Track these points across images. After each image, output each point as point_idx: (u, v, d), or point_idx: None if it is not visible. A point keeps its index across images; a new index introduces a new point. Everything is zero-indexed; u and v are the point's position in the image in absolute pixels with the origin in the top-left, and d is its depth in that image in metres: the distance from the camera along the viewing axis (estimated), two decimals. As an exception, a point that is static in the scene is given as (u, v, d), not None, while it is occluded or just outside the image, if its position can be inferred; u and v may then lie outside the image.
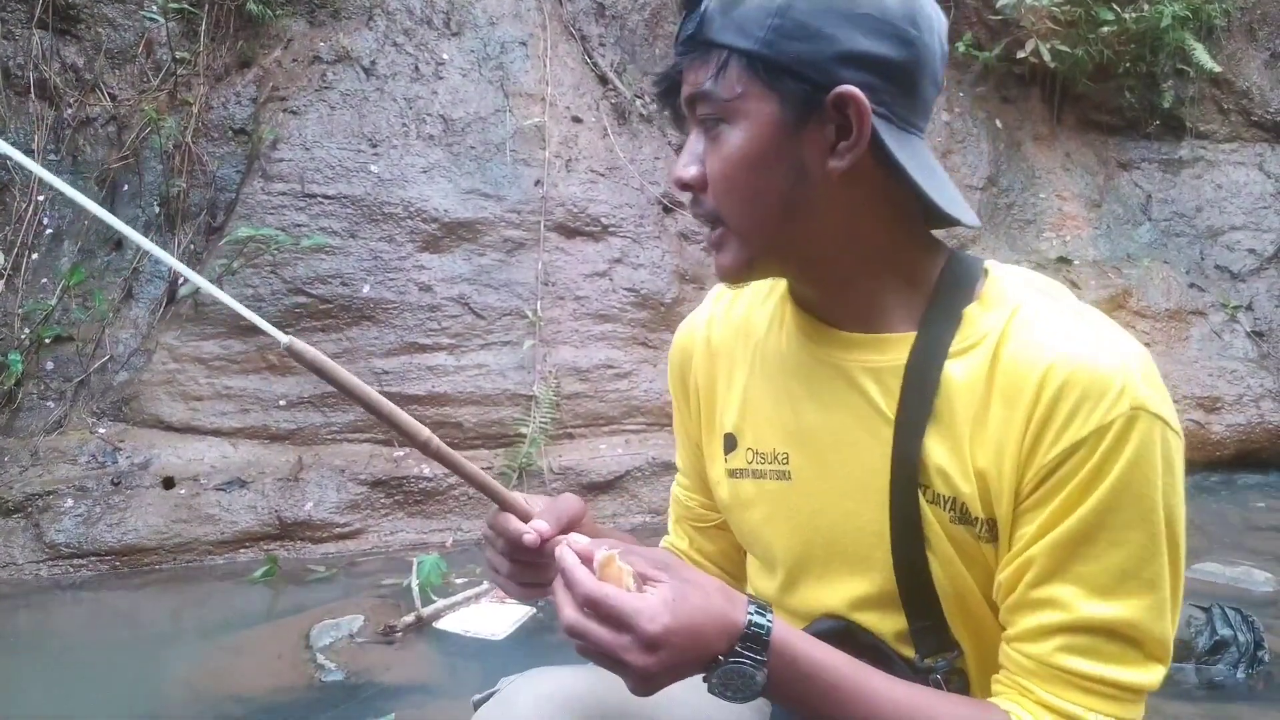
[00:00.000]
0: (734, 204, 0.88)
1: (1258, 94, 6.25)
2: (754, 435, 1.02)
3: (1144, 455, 0.80)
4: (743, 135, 0.86)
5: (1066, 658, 0.82)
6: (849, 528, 0.94)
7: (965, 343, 0.88)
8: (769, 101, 0.84)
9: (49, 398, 4.19)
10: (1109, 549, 0.80)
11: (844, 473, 0.94)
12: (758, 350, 1.04)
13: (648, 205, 5.00)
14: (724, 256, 0.92)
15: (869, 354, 0.92)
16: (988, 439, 0.85)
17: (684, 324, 1.16)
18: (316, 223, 4.40)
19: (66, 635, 3.23)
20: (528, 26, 5.11)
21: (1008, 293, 0.89)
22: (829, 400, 0.95)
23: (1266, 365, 5.68)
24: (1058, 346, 0.82)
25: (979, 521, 0.87)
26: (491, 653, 3.00)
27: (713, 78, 0.85)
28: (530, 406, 4.38)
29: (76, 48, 4.74)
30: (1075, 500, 0.80)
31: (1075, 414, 0.79)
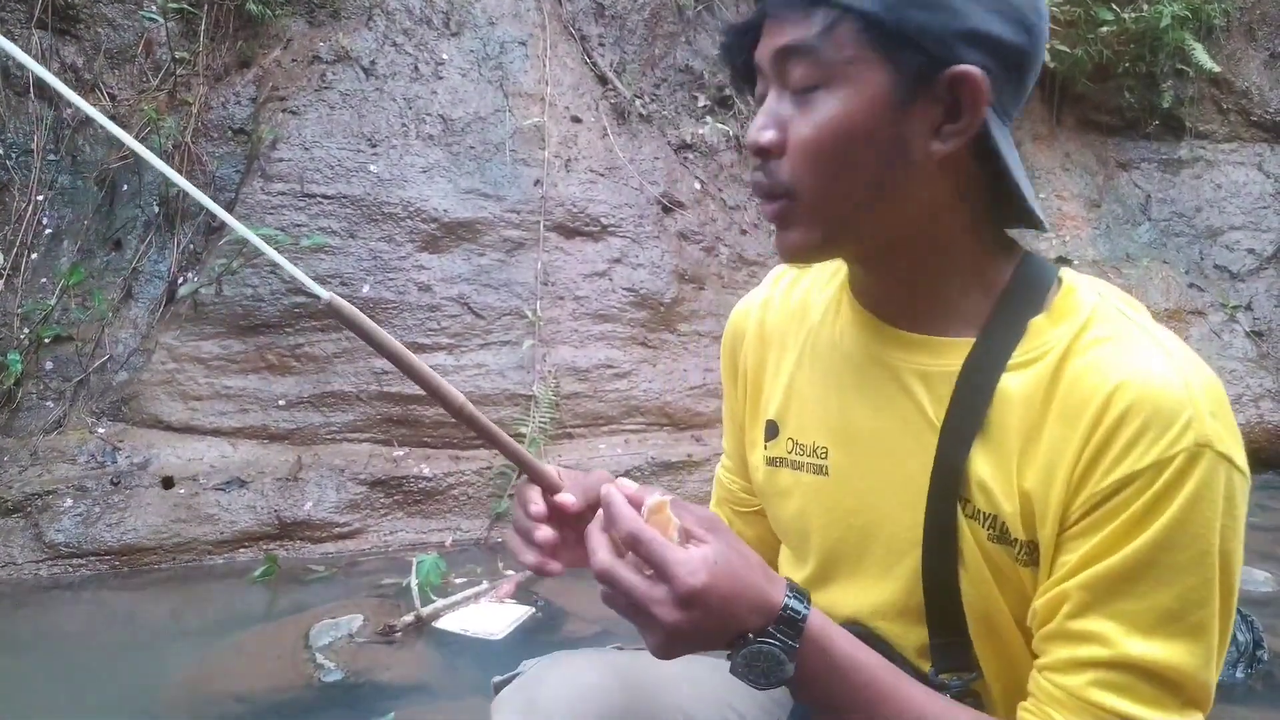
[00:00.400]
0: (819, 177, 0.81)
1: (1257, 94, 6.25)
2: (796, 425, 0.99)
3: (1205, 495, 0.75)
4: (845, 103, 0.79)
5: (1101, 693, 0.77)
6: (882, 532, 0.91)
7: (1027, 355, 0.83)
8: (881, 70, 0.78)
9: (48, 397, 4.19)
10: (1157, 588, 0.75)
11: (883, 475, 0.91)
12: (810, 337, 1.00)
13: (647, 205, 5.00)
14: (791, 234, 0.85)
15: (924, 357, 0.88)
16: (1039, 458, 0.81)
17: (740, 304, 1.12)
18: (316, 222, 4.40)
19: (65, 635, 3.23)
20: (527, 26, 5.11)
21: (1080, 306, 0.84)
22: (876, 400, 0.91)
23: (1266, 365, 5.69)
24: (1125, 369, 0.77)
25: (1018, 543, 0.83)
26: (491, 652, 3.00)
27: (819, 34, 0.77)
28: (529, 406, 4.38)
29: (76, 47, 4.74)
30: (1126, 534, 0.76)
31: (1136, 443, 0.75)
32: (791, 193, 0.82)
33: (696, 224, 5.16)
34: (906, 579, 0.90)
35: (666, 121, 5.42)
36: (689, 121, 5.47)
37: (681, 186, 5.22)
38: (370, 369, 4.29)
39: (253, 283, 4.27)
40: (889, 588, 0.92)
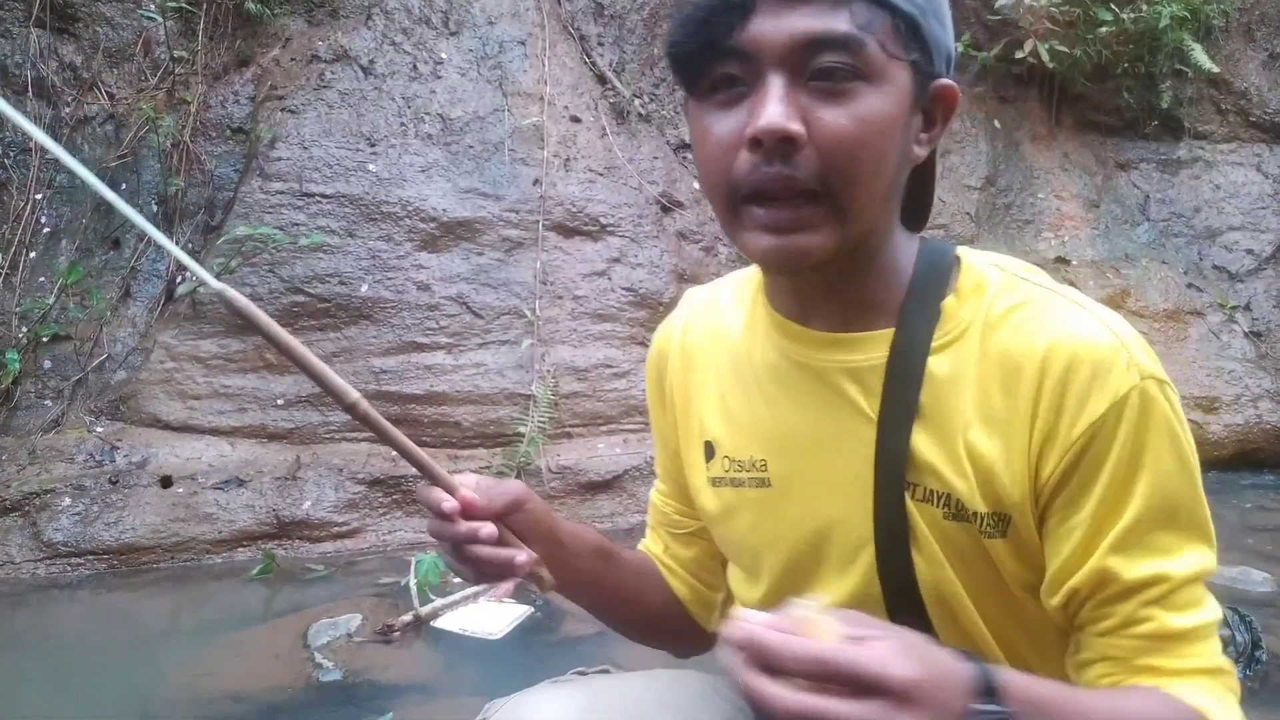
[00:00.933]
0: (859, 173, 0.78)
1: (1256, 94, 6.26)
2: (731, 443, 0.98)
3: (1165, 417, 0.80)
4: (885, 99, 0.77)
5: (1177, 618, 0.81)
6: (834, 532, 0.92)
7: (947, 337, 0.85)
8: (905, 71, 0.79)
9: (46, 396, 4.18)
10: (1177, 513, 0.81)
11: (825, 476, 0.91)
12: (732, 356, 1.00)
13: (646, 205, 5.00)
14: (812, 238, 0.79)
15: (847, 354, 0.89)
16: (986, 430, 0.82)
17: (660, 328, 1.11)
18: (314, 222, 4.39)
19: (64, 634, 3.23)
20: (526, 26, 5.11)
21: (984, 281, 0.87)
22: (806, 403, 0.91)
23: (1264, 365, 5.69)
24: (1051, 330, 0.81)
25: (979, 517, 0.84)
26: (489, 652, 3.00)
27: (864, 26, 0.75)
28: (528, 406, 4.38)
29: (74, 46, 4.74)
30: (1128, 479, 0.80)
31: (1089, 392, 0.78)
32: (823, 192, 0.78)
33: (695, 224, 5.16)
34: (863, 573, 0.90)
35: (665, 121, 5.42)
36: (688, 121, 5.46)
37: (680, 186, 5.22)
38: (369, 369, 4.29)
39: (251, 281, 4.27)
40: (847, 584, 0.91)
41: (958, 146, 5.89)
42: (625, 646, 3.02)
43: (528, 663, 2.95)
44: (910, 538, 0.86)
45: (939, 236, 5.41)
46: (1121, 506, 0.80)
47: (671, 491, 1.15)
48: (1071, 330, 0.80)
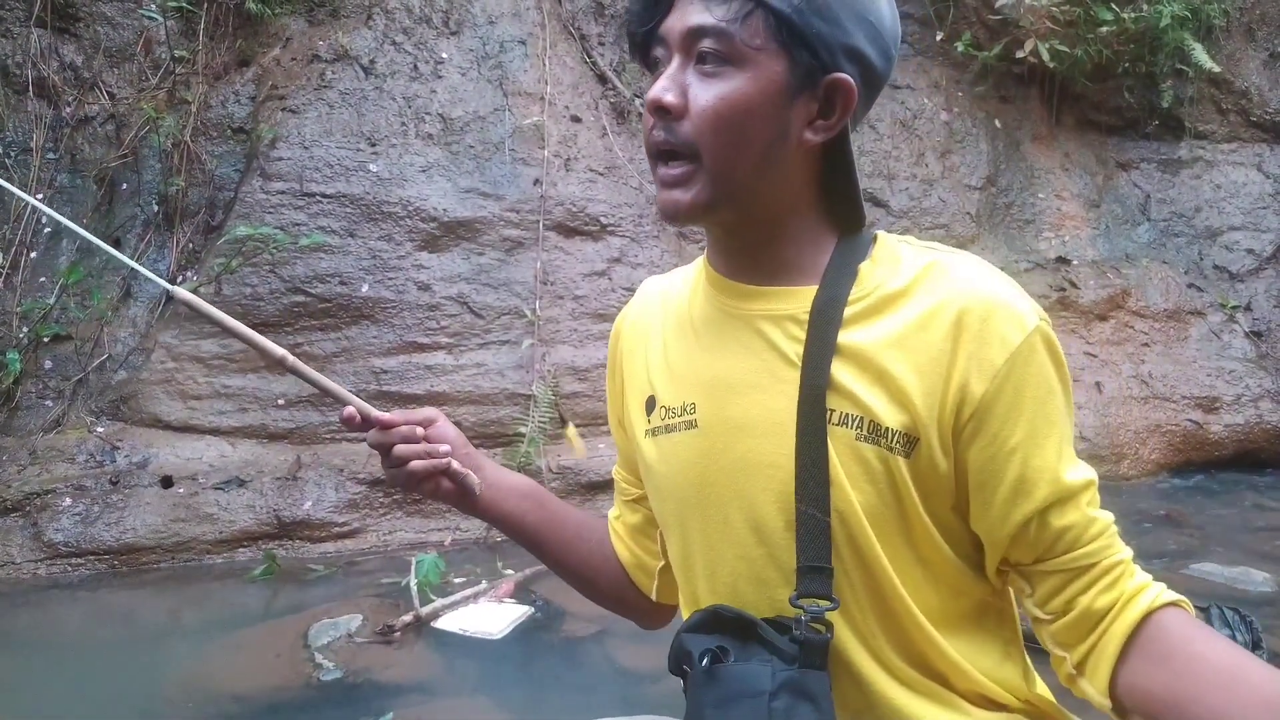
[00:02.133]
0: (721, 143, 0.92)
1: (1256, 94, 6.25)
2: (667, 393, 1.07)
3: (1053, 352, 0.93)
4: (749, 82, 0.91)
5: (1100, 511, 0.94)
6: (752, 463, 0.98)
7: (863, 292, 0.97)
8: (780, 61, 0.91)
9: (47, 396, 4.18)
10: (1058, 429, 0.93)
11: (749, 414, 0.99)
12: (677, 315, 1.11)
13: (646, 205, 5.00)
14: (685, 192, 0.95)
15: (775, 303, 0.99)
16: (902, 358, 0.93)
17: (617, 317, 1.25)
18: (315, 221, 4.39)
19: (64, 634, 3.23)
20: (527, 25, 5.11)
21: (894, 250, 1.00)
22: (733, 348, 1.01)
23: (1265, 365, 5.69)
24: (967, 282, 0.94)
25: (890, 433, 0.92)
26: (489, 652, 3.00)
27: (737, 20, 0.89)
28: (529, 406, 4.38)
29: (75, 46, 4.74)
30: (1048, 402, 0.92)
31: (1005, 332, 0.91)
32: (694, 154, 0.93)
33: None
34: (778, 503, 0.97)
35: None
36: (689, 121, 5.46)
37: (681, 186, 5.22)
38: (369, 369, 4.29)
39: (252, 282, 4.27)
40: (763, 513, 0.98)
41: (958, 146, 5.89)
42: (626, 648, 3.02)
43: (527, 663, 2.96)
44: (826, 464, 0.94)
45: (939, 236, 5.39)
46: (1050, 426, 0.92)
47: (622, 461, 1.28)
48: (982, 283, 0.93)
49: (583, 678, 2.83)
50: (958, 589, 0.98)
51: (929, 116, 5.84)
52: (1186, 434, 5.41)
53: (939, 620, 0.97)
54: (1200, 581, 3.59)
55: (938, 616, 0.97)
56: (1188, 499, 4.97)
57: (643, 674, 2.73)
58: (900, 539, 0.95)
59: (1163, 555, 3.96)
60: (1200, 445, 5.43)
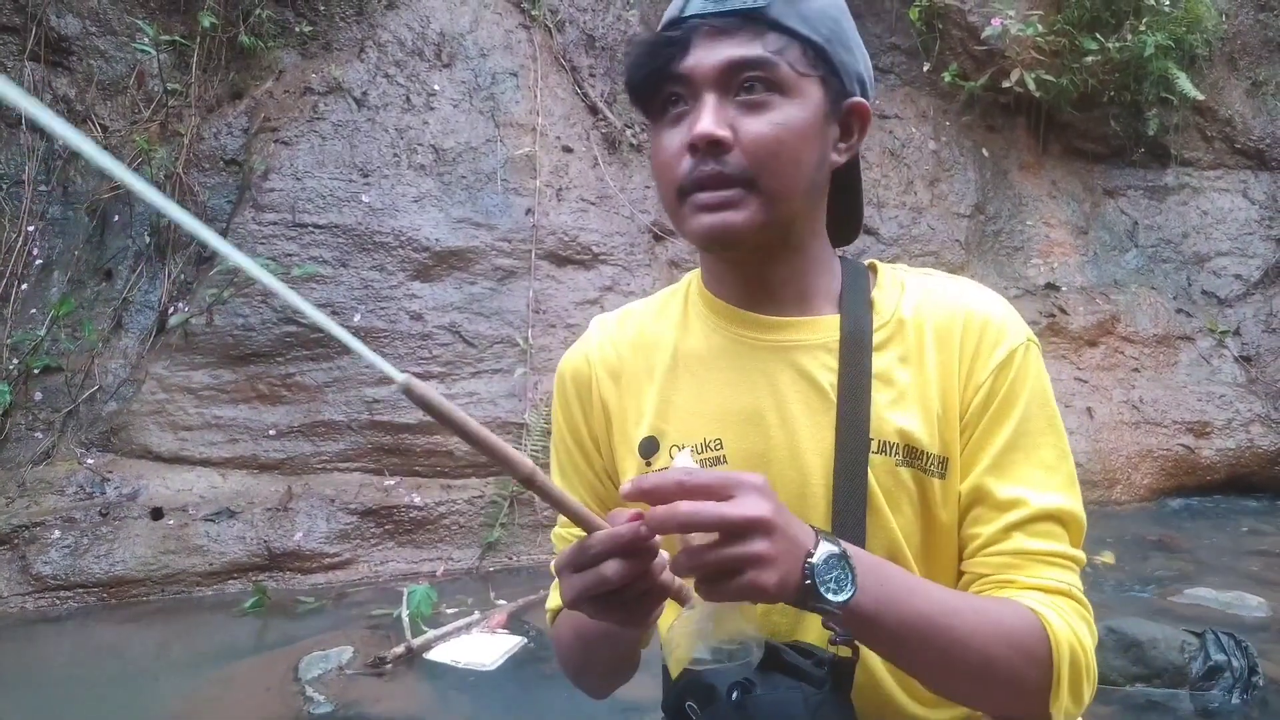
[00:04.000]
0: (779, 167, 0.93)
1: (1240, 121, 6.33)
2: (679, 431, 1.03)
3: (1040, 372, 0.98)
4: (799, 109, 0.94)
5: (1032, 541, 0.94)
6: (788, 494, 0.97)
7: (881, 318, 1.01)
8: (818, 88, 0.95)
9: (37, 428, 4.16)
10: (1034, 451, 0.96)
11: (782, 447, 0.98)
12: (670, 355, 1.07)
13: (638, 234, 5.02)
14: (739, 214, 0.93)
15: (803, 333, 1.01)
16: (931, 382, 0.98)
17: (566, 358, 1.14)
18: (307, 252, 4.40)
19: (52, 669, 3.19)
20: (518, 58, 5.15)
21: (894, 278, 1.05)
22: (758, 380, 1.01)
23: (1255, 390, 5.71)
24: (963, 300, 1.01)
25: (928, 457, 0.96)
26: (482, 683, 2.98)
27: (778, 51, 0.93)
28: (521, 434, 4.37)
29: (68, 79, 4.76)
30: (1005, 414, 0.96)
31: (996, 343, 0.97)
32: (750, 181, 0.93)
33: (688, 251, 5.18)
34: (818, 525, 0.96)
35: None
36: (679, 150, 5.50)
37: (672, 215, 5.24)
38: (361, 398, 4.28)
39: (244, 312, 4.27)
40: None
41: (946, 175, 5.94)
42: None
43: (520, 694, 2.93)
44: (866, 493, 0.96)
45: (929, 264, 5.43)
46: (997, 432, 0.96)
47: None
48: (978, 299, 1.01)
49: (576, 709, 2.81)
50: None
51: (917, 145, 5.90)
52: (1178, 459, 5.42)
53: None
54: (1195, 607, 3.59)
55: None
56: (1180, 524, 4.97)
57: (636, 706, 2.70)
58: (935, 555, 0.98)
59: (1157, 581, 3.95)
60: (1192, 470, 5.44)
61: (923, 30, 6.02)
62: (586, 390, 1.11)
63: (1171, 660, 2.82)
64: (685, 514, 0.72)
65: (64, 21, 4.74)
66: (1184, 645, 2.86)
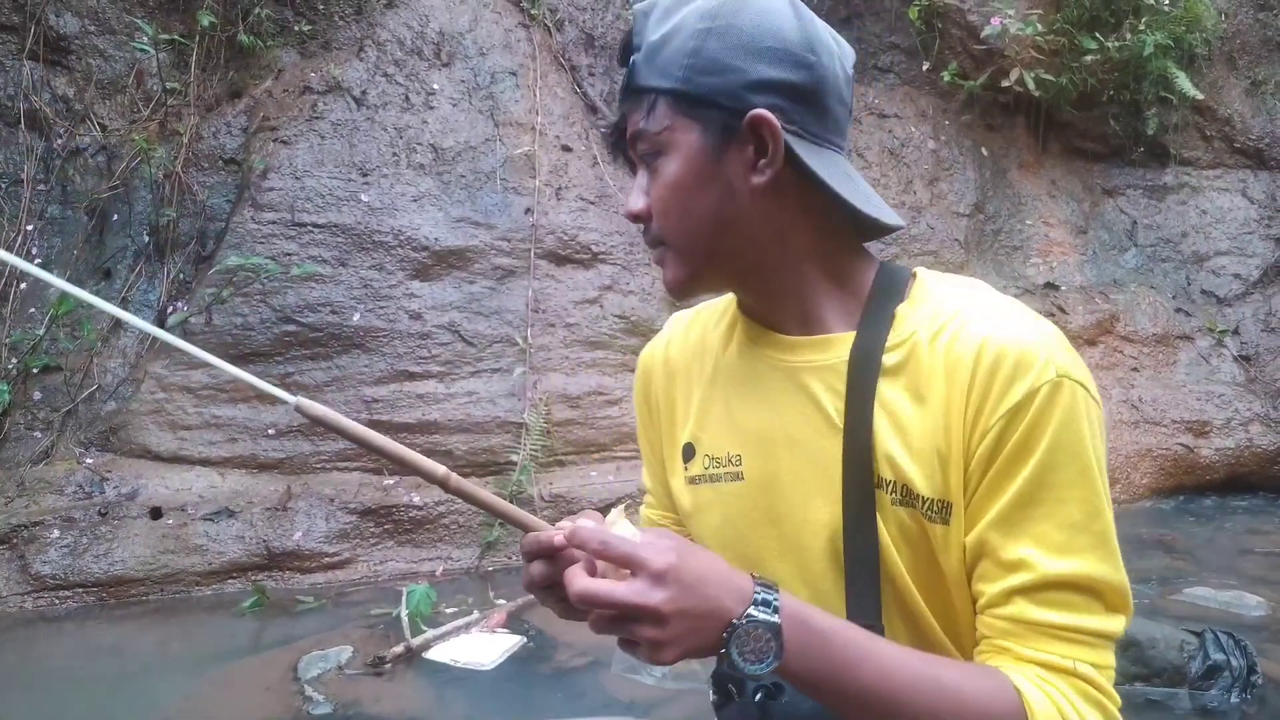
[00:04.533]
0: (671, 223, 0.97)
1: (1239, 121, 6.33)
2: (710, 442, 1.07)
3: (1073, 417, 0.86)
4: (675, 162, 0.95)
5: (1037, 610, 0.85)
6: (799, 519, 0.98)
7: (899, 338, 0.94)
8: (692, 131, 0.94)
9: (36, 428, 4.16)
10: (1057, 507, 0.85)
11: (794, 468, 0.98)
12: (714, 364, 1.10)
13: (637, 233, 5.01)
14: (669, 272, 1.00)
15: (813, 353, 0.99)
16: (935, 419, 0.90)
17: (646, 347, 1.23)
18: (306, 251, 4.40)
19: (51, 668, 3.19)
20: (517, 57, 5.15)
21: (933, 290, 0.97)
22: (775, 400, 1.00)
23: (1254, 389, 5.71)
24: (987, 327, 0.89)
25: (923, 500, 0.90)
26: (481, 683, 2.98)
27: (645, 117, 0.95)
28: (521, 434, 4.37)
29: (67, 78, 4.76)
30: (1019, 462, 0.86)
31: (1012, 382, 0.86)
32: (663, 241, 0.99)
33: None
34: (828, 560, 0.96)
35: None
36: (679, 150, 5.50)
37: (671, 214, 5.24)
38: (360, 398, 4.28)
39: (242, 311, 4.27)
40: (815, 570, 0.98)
41: (946, 174, 5.94)
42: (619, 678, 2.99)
43: (519, 694, 2.93)
44: (875, 525, 0.93)
45: (928, 263, 5.43)
46: (1008, 482, 0.86)
47: (661, 502, 1.23)
48: (1002, 328, 0.89)
49: (576, 708, 2.81)
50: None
51: (916, 145, 5.90)
52: (1177, 458, 5.42)
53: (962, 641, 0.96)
54: (1194, 606, 3.59)
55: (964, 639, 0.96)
56: (1180, 523, 4.97)
57: (634, 703, 2.70)
58: (942, 592, 0.93)
59: (1156, 580, 3.96)
60: (1191, 469, 5.44)
61: (922, 29, 6.01)
62: (647, 384, 1.20)
63: (1170, 659, 2.82)
64: (581, 588, 0.79)
65: (63, 20, 4.74)
66: (1183, 644, 2.86)
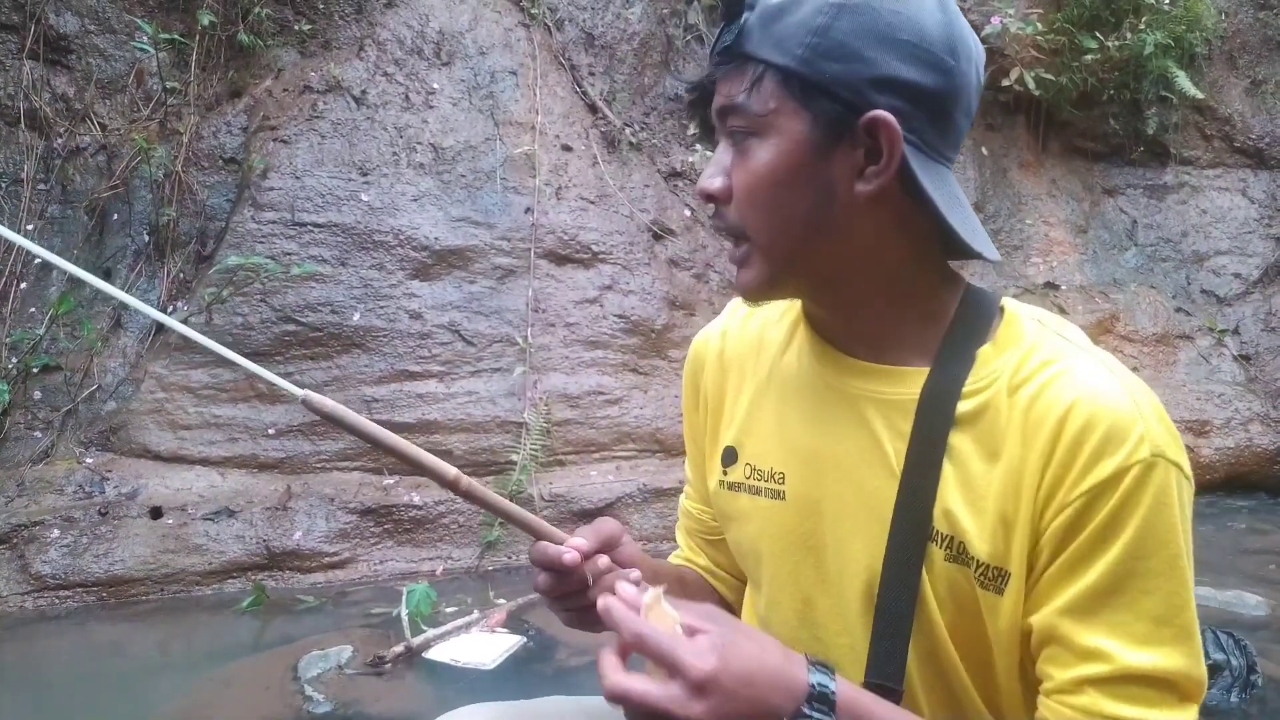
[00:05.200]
0: (759, 219, 0.87)
1: (1239, 120, 6.33)
2: (754, 451, 1.01)
3: (1166, 502, 0.79)
4: (772, 151, 0.85)
5: (1111, 704, 0.79)
6: (838, 555, 0.93)
7: (979, 383, 0.86)
8: (801, 120, 0.83)
9: (36, 427, 4.16)
10: (1142, 597, 0.79)
11: (839, 500, 0.92)
12: (768, 367, 1.03)
13: (638, 232, 5.02)
14: (746, 273, 0.90)
15: (880, 385, 0.91)
16: (1002, 480, 0.83)
17: (701, 333, 1.15)
18: (307, 251, 4.40)
19: (51, 668, 3.19)
20: (517, 56, 5.15)
21: (1023, 334, 0.88)
22: (832, 427, 0.93)
23: (1254, 389, 5.71)
24: (1076, 389, 0.81)
25: (976, 563, 0.84)
26: (481, 683, 2.98)
27: (746, 91, 0.84)
28: (520, 434, 4.37)
29: (67, 78, 4.76)
30: (1102, 546, 0.79)
31: (1100, 455, 0.79)
32: (743, 234, 0.88)
33: (687, 251, 5.18)
34: (860, 601, 0.91)
35: (656, 149, 5.45)
36: (679, 149, 5.50)
37: (672, 214, 5.25)
38: (360, 397, 4.28)
39: (243, 311, 4.27)
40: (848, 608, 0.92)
41: (946, 173, 5.93)
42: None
43: (520, 693, 2.93)
44: (919, 576, 0.86)
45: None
46: (1086, 566, 0.80)
47: (702, 495, 1.17)
48: (1095, 392, 0.81)
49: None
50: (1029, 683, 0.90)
51: (917, 144, 5.89)
52: (1177, 458, 5.42)
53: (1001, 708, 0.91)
54: (1194, 606, 3.58)
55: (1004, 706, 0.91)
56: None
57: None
58: (983, 654, 0.88)
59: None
60: (1191, 468, 5.44)
61: (922, 29, 6.00)
62: (698, 372, 1.13)
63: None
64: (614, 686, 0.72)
65: (63, 19, 4.73)
66: (1183, 644, 2.85)
